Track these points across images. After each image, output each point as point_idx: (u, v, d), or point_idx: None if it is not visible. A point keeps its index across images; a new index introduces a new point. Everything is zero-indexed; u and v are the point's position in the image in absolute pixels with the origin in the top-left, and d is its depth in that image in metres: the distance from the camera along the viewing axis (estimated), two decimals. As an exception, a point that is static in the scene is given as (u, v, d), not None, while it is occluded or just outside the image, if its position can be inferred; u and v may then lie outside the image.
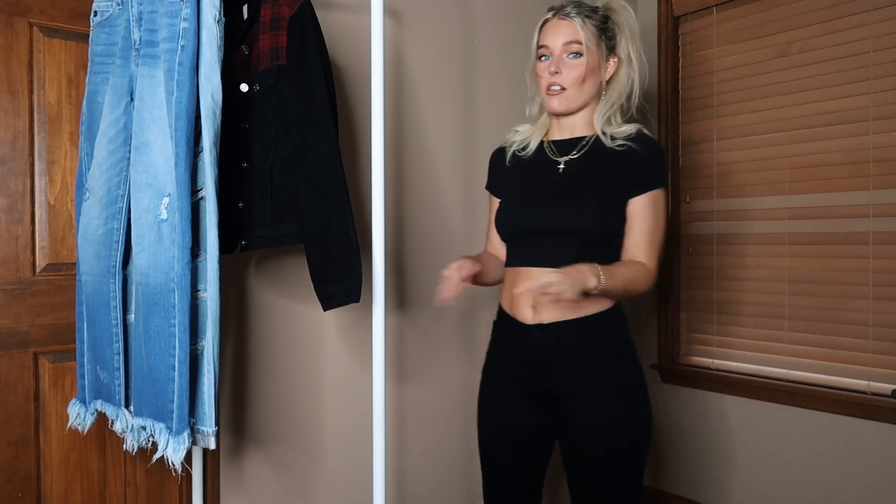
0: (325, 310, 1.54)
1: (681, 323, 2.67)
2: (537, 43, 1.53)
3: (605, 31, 1.50)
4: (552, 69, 1.48)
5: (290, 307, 1.96)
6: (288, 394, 1.97)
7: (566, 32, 1.48)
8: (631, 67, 1.52)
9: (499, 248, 1.64)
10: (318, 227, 1.50)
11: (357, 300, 1.51)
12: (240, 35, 1.58)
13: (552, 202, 1.50)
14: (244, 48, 1.57)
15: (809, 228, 2.27)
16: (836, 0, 2.20)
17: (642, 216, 1.48)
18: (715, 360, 2.54)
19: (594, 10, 1.51)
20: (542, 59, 1.52)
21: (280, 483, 1.96)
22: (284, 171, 1.56)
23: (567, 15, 1.49)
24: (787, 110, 2.31)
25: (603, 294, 1.40)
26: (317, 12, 1.54)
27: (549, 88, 1.50)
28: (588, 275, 1.34)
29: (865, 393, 2.12)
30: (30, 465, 1.62)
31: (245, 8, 1.59)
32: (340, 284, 1.51)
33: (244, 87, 1.57)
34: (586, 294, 1.36)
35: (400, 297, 2.17)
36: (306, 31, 1.51)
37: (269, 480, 1.94)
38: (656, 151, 1.51)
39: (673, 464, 2.66)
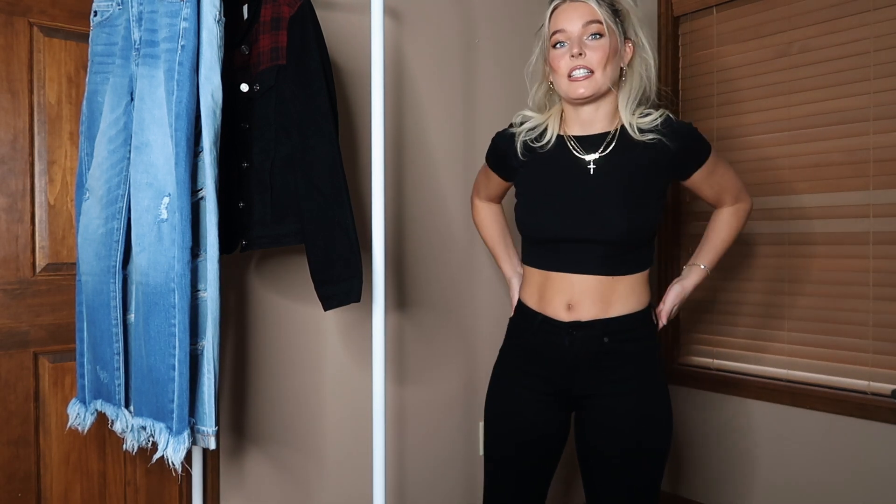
0: (325, 310, 1.54)
1: (681, 323, 2.67)
2: (550, 30, 1.43)
3: (618, 13, 1.42)
4: (575, 51, 1.38)
5: (290, 307, 1.96)
6: (288, 394, 1.97)
7: (583, 13, 1.39)
8: (645, 52, 1.45)
9: (494, 197, 1.77)
10: (318, 226, 1.50)
11: (357, 300, 1.51)
12: (240, 35, 1.58)
13: (584, 208, 1.43)
14: (244, 48, 1.57)
15: (809, 228, 2.27)
16: (836, 0, 2.20)
17: (709, 181, 1.53)
18: (715, 360, 2.54)
19: None
20: (558, 46, 1.42)
21: (280, 483, 1.96)
22: (284, 171, 1.56)
23: None
24: (787, 110, 2.31)
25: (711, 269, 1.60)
26: (317, 12, 1.54)
27: (571, 75, 1.40)
28: (689, 286, 1.61)
29: (865, 393, 2.12)
30: (30, 465, 1.62)
31: (245, 8, 1.59)
32: (341, 284, 1.51)
33: (244, 87, 1.57)
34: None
35: (400, 297, 2.17)
36: (306, 31, 1.51)
37: (269, 480, 1.94)
38: (688, 130, 1.46)
39: (672, 464, 2.66)
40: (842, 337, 2.20)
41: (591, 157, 1.45)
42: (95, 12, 1.48)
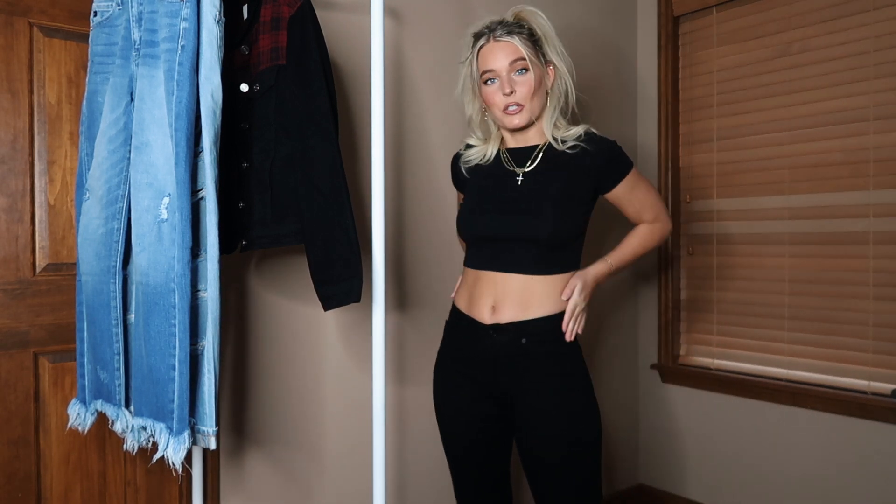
0: (325, 310, 1.54)
1: (681, 323, 2.67)
2: (479, 69, 1.54)
3: (536, 42, 1.53)
4: (506, 90, 1.50)
5: (290, 307, 1.96)
6: (288, 394, 1.97)
7: (507, 52, 1.50)
8: (561, 69, 1.55)
9: None
10: (318, 226, 1.50)
11: (357, 300, 1.51)
12: (240, 35, 1.58)
13: (511, 212, 1.55)
14: (244, 48, 1.57)
15: (809, 228, 2.27)
16: (836, 0, 2.20)
17: (628, 196, 1.60)
18: (715, 360, 2.54)
19: (518, 25, 1.53)
20: (489, 83, 1.54)
21: (280, 483, 1.96)
22: (284, 171, 1.56)
23: (500, 36, 1.51)
24: (787, 110, 2.32)
25: (618, 270, 1.63)
26: (317, 12, 1.54)
27: (506, 109, 1.53)
28: (590, 274, 1.56)
29: (865, 393, 2.12)
30: (30, 465, 1.62)
31: (245, 8, 1.59)
32: (340, 284, 1.51)
33: (244, 87, 1.57)
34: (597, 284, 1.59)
35: (400, 297, 2.17)
36: (306, 31, 1.51)
37: (269, 480, 1.94)
38: (609, 144, 1.57)
39: (673, 464, 2.66)
40: (842, 337, 2.20)
41: (520, 170, 1.58)
42: (95, 12, 1.48)
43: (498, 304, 1.53)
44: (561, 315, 1.53)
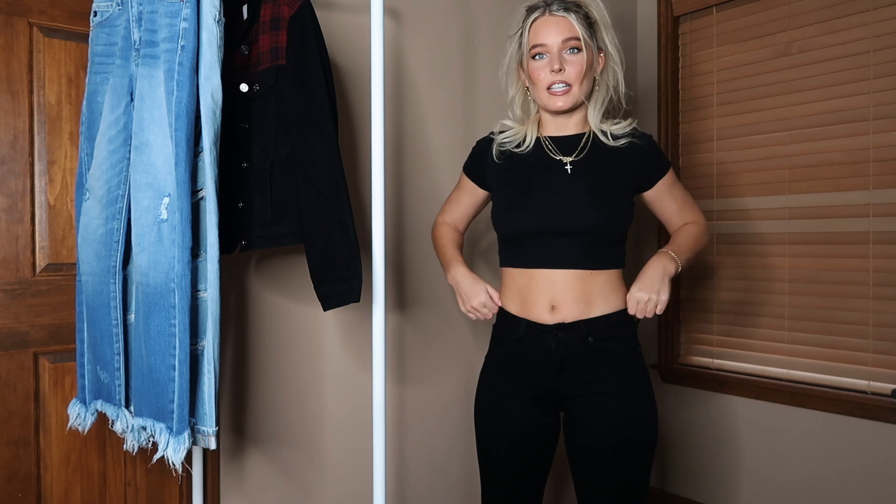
0: (324, 310, 1.54)
1: (681, 323, 2.67)
2: (530, 42, 1.49)
3: (591, 25, 1.49)
4: (556, 67, 1.45)
5: (290, 307, 1.96)
6: (288, 394, 1.97)
7: (562, 29, 1.45)
8: (614, 60, 1.52)
9: (458, 223, 1.72)
10: (317, 227, 1.50)
11: (357, 300, 1.51)
12: (240, 35, 1.58)
13: (562, 203, 1.48)
14: (244, 48, 1.57)
15: (809, 228, 2.27)
16: (835, 0, 2.20)
17: (670, 193, 1.58)
18: (715, 360, 2.54)
19: (576, 4, 1.48)
20: (537, 57, 1.48)
21: (280, 483, 1.96)
22: (284, 170, 1.56)
23: (556, 11, 1.46)
24: (787, 110, 2.31)
25: (685, 264, 1.51)
26: (317, 12, 1.54)
27: (550, 88, 1.47)
28: (666, 266, 1.44)
29: (865, 393, 2.12)
30: (30, 465, 1.62)
31: (245, 8, 1.59)
32: (340, 284, 1.51)
33: (244, 87, 1.57)
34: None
35: (400, 297, 2.17)
36: (306, 31, 1.51)
37: (269, 480, 1.94)
38: (652, 141, 1.57)
39: (673, 464, 2.66)
40: (842, 337, 2.20)
41: (567, 159, 1.52)
42: (95, 12, 1.48)
43: (558, 303, 1.47)
44: (622, 311, 1.49)
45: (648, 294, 1.42)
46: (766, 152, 2.37)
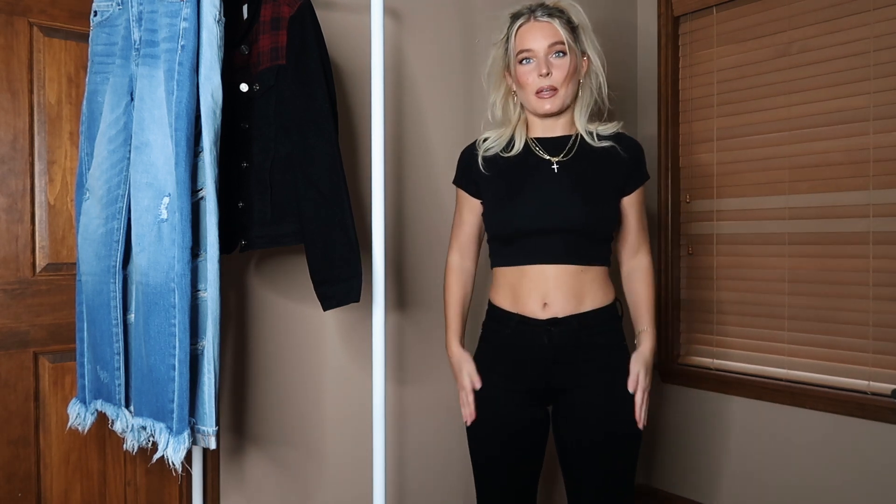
0: (324, 310, 1.54)
1: (681, 323, 2.67)
2: (516, 47, 1.52)
3: (574, 30, 1.53)
4: (542, 71, 1.49)
5: (290, 307, 1.96)
6: (288, 394, 1.97)
7: (547, 34, 1.49)
8: (595, 65, 1.56)
9: (469, 248, 1.68)
10: (317, 226, 1.50)
11: (357, 300, 1.51)
12: (240, 35, 1.58)
13: (553, 201, 1.52)
14: (244, 48, 1.57)
15: (809, 228, 2.27)
16: (836, 0, 2.20)
17: (636, 210, 1.61)
18: (715, 360, 2.54)
19: (559, 10, 1.53)
20: (524, 62, 1.52)
21: (280, 483, 1.96)
22: (284, 170, 1.56)
23: (541, 17, 1.51)
24: (787, 110, 2.32)
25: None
26: (317, 12, 1.54)
27: (538, 92, 1.51)
28: (647, 355, 1.55)
29: (865, 393, 2.12)
30: (30, 465, 1.62)
31: (245, 8, 1.59)
32: (340, 284, 1.51)
33: (244, 87, 1.57)
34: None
35: (400, 297, 2.17)
36: (306, 31, 1.51)
37: (268, 480, 1.95)
38: (639, 147, 1.60)
39: (673, 463, 2.66)
40: (842, 337, 2.20)
41: (555, 159, 1.55)
42: (95, 12, 1.48)
43: (550, 299, 1.50)
44: (611, 306, 1.55)
45: (647, 382, 1.53)
46: (766, 152, 2.37)
